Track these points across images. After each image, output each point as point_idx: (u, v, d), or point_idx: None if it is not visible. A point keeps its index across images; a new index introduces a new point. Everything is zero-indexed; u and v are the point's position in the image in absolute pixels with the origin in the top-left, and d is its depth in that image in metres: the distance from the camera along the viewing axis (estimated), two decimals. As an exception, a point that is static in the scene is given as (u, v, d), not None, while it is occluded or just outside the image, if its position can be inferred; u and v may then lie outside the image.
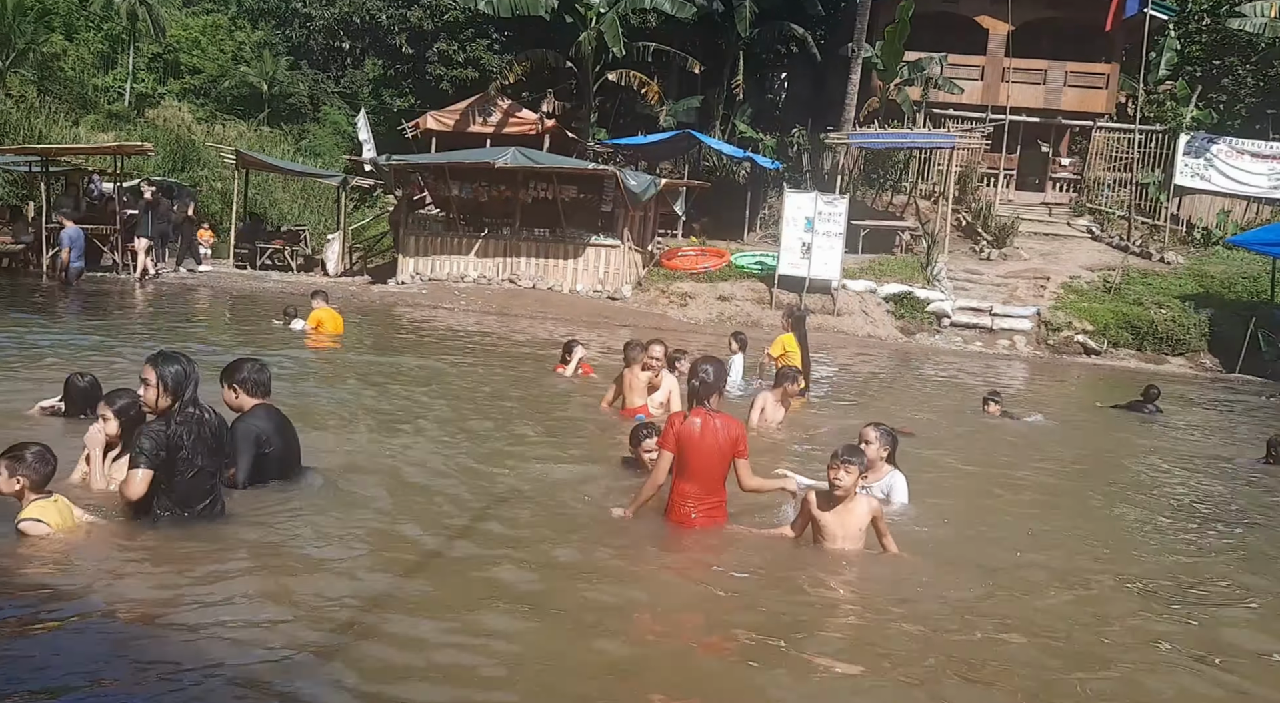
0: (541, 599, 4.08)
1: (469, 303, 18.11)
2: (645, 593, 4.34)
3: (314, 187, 31.02)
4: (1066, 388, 14.99)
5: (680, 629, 4.00)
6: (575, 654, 3.61)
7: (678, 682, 3.46)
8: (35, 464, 4.24)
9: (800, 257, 18.79)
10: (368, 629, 3.65)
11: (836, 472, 4.88)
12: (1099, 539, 5.85)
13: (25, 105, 31.01)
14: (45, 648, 3.34)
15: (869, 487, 5.84)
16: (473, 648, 3.56)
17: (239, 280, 19.75)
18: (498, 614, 3.90)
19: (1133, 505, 6.95)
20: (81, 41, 42.96)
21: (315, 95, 39.13)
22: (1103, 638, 4.16)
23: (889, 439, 5.95)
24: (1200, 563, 5.54)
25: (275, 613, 3.72)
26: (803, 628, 4.03)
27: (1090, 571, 5.19)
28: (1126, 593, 4.89)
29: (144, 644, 3.41)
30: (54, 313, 13.53)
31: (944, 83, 23.81)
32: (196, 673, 3.20)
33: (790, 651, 3.72)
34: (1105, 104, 25.23)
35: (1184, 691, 3.69)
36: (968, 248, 21.93)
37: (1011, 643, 4.00)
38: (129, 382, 7.68)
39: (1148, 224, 23.06)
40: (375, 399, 8.47)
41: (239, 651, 3.38)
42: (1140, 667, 3.87)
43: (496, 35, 29.36)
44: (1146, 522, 6.52)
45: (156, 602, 3.76)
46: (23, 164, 23.57)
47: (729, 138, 25.84)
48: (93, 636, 3.47)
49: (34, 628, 3.47)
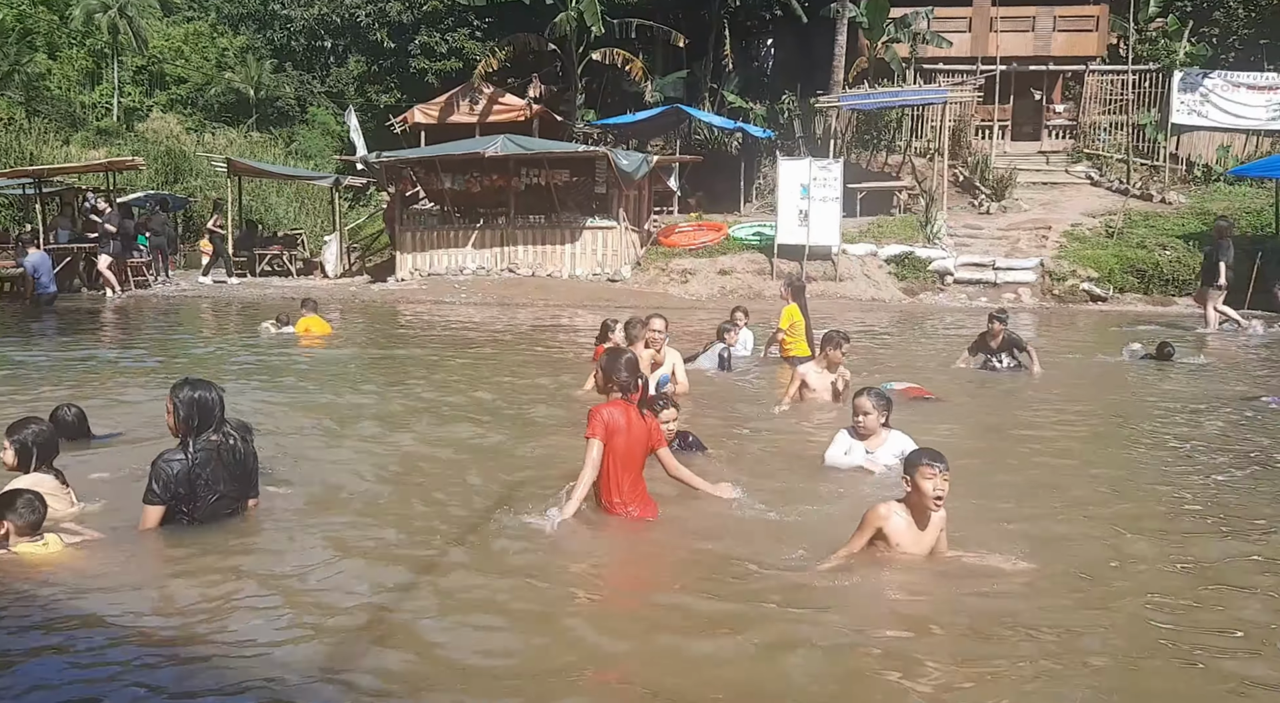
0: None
1: (469, 295, 18.09)
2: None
3: (308, 189, 31.00)
4: (1076, 335, 14.87)
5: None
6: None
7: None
8: (23, 511, 4.26)
9: (798, 224, 18.67)
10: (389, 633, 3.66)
11: (936, 480, 4.06)
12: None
13: (14, 127, 31.07)
14: (46, 667, 3.34)
15: (874, 454, 5.85)
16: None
17: (239, 289, 19.76)
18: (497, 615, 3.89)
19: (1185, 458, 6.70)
20: (65, 59, 42.91)
21: (301, 97, 38.98)
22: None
23: (885, 404, 5.88)
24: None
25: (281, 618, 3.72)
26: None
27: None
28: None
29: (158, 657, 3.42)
30: (45, 335, 13.52)
31: (931, 37, 23.54)
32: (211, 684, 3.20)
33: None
34: (1097, 46, 24.90)
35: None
36: (966, 203, 21.77)
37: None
38: (112, 404, 7.81)
39: (1147, 165, 22.82)
40: (376, 397, 8.47)
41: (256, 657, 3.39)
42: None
43: (477, 23, 29.15)
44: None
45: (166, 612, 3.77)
46: (16, 187, 23.64)
47: (718, 109, 25.64)
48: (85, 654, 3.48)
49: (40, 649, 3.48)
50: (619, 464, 4.80)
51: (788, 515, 5.05)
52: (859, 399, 5.90)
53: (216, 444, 4.55)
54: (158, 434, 6.34)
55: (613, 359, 5.05)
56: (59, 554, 4.27)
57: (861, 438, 5.90)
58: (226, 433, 4.63)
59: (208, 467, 4.51)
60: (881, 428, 5.86)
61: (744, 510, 5.11)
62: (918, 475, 4.10)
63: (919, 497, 4.11)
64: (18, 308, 16.94)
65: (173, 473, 4.45)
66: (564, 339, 13.33)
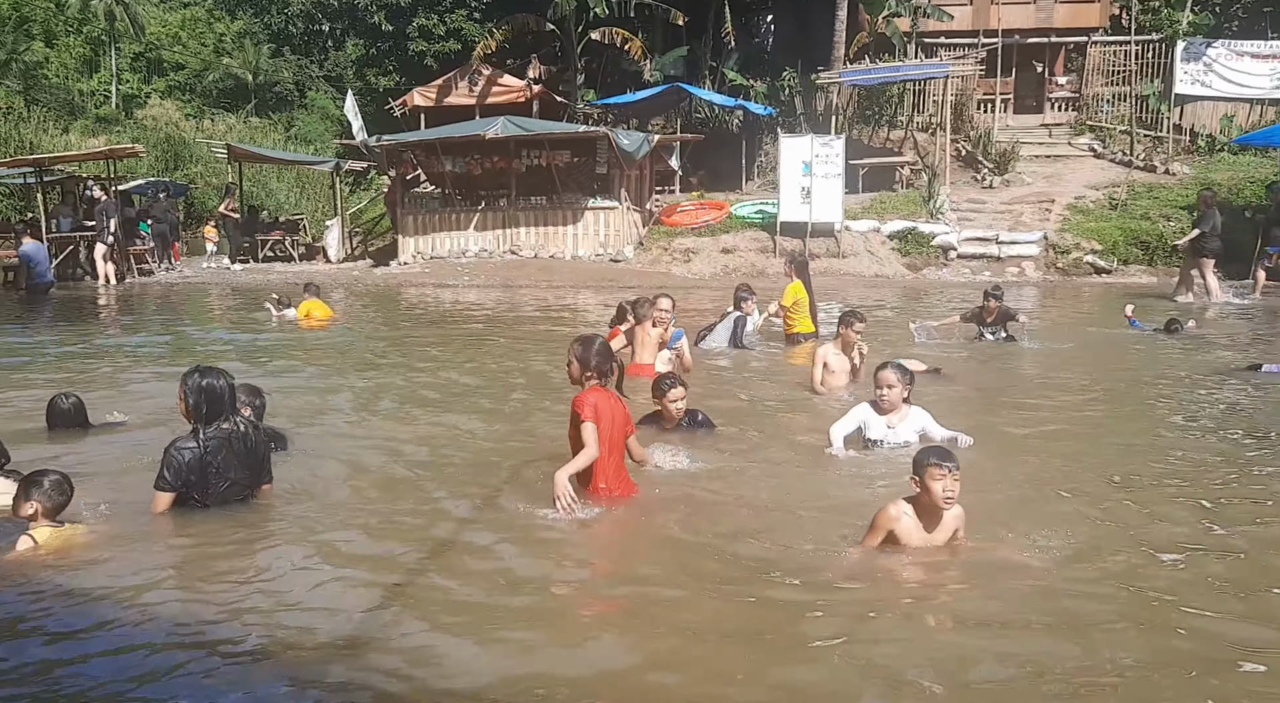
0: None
1: (472, 278, 18.09)
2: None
3: (308, 174, 30.96)
4: (1083, 306, 14.85)
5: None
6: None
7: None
8: (50, 492, 4.27)
9: (800, 201, 18.63)
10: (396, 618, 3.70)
11: (945, 481, 3.96)
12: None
13: (14, 116, 31.02)
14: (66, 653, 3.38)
15: (895, 429, 5.79)
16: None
17: (242, 275, 19.78)
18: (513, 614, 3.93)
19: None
20: (62, 47, 42.76)
21: (300, 81, 38.87)
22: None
23: (908, 378, 5.79)
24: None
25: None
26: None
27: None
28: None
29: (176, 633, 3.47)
30: (45, 323, 13.57)
31: (932, 11, 23.37)
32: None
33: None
34: (1099, 17, 24.73)
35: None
36: (969, 177, 21.69)
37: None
38: (112, 392, 7.82)
39: (1150, 137, 22.70)
40: (379, 378, 8.50)
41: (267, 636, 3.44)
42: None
43: (475, 4, 28.99)
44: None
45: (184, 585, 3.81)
46: (17, 176, 23.64)
47: (719, 87, 25.52)
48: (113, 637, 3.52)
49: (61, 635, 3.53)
50: (605, 449, 4.80)
51: (795, 504, 4.96)
52: (882, 372, 5.81)
53: (228, 433, 4.59)
54: (160, 421, 6.40)
55: (586, 348, 4.96)
56: (74, 538, 4.28)
57: (883, 412, 5.82)
58: (238, 421, 4.68)
59: (219, 454, 4.56)
60: (903, 403, 5.80)
61: (755, 492, 5.11)
62: (927, 476, 3.98)
63: (928, 497, 4.00)
64: (15, 297, 16.96)
65: (184, 461, 4.49)
66: (573, 318, 13.33)
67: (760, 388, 8.26)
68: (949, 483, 3.95)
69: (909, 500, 4.09)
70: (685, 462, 5.66)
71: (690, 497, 5.05)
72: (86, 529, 4.37)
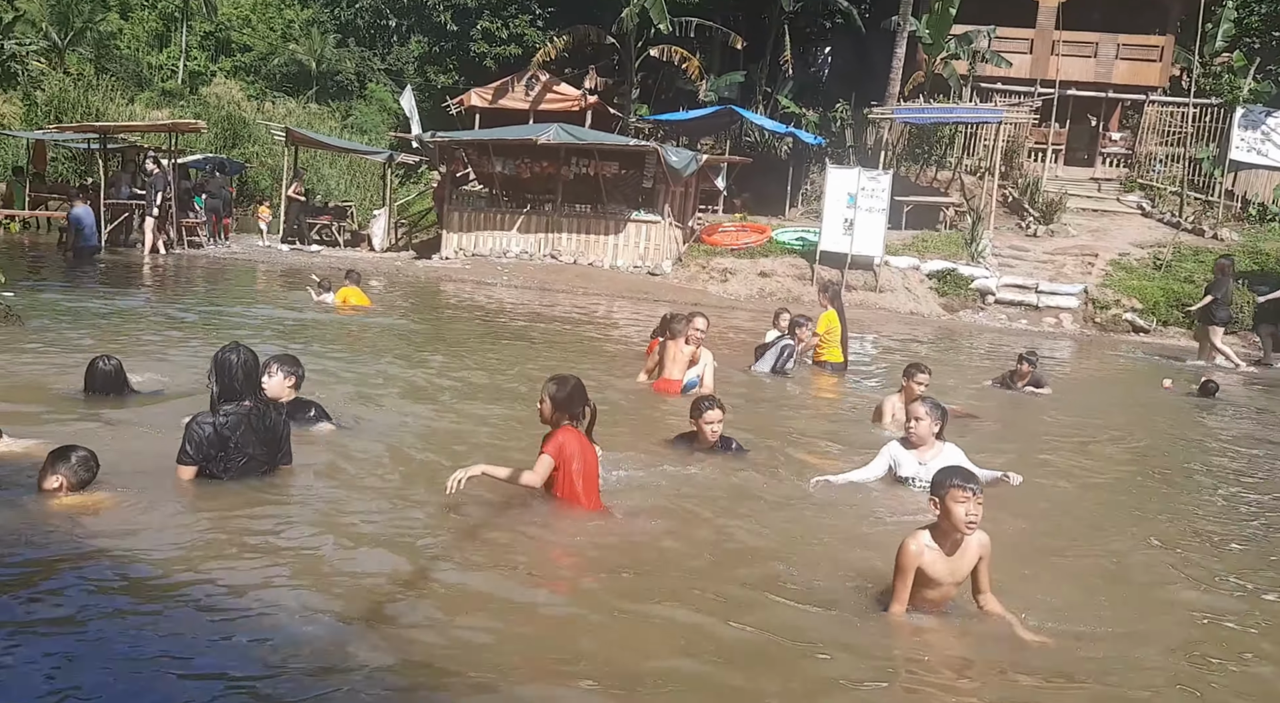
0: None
1: (511, 278, 18.33)
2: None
3: (360, 163, 31.45)
4: (1115, 366, 14.79)
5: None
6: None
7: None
8: (76, 468, 4.37)
9: (843, 233, 18.70)
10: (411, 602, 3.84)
11: (968, 505, 3.71)
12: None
13: (83, 83, 31.82)
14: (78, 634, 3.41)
15: (927, 465, 5.58)
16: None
17: (288, 256, 20.18)
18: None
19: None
20: (136, 20, 43.77)
21: (362, 73, 39.53)
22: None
23: (939, 413, 5.67)
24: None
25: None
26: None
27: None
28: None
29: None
30: (93, 286, 13.92)
31: (991, 56, 23.43)
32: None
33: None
34: (1159, 77, 24.65)
35: None
36: (1014, 224, 21.65)
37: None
38: (153, 360, 8.00)
39: (1201, 200, 22.56)
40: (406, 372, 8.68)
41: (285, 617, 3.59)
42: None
43: (540, 11, 29.43)
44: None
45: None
46: (82, 141, 24.27)
47: (771, 113, 25.70)
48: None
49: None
50: (586, 486, 4.73)
51: (813, 540, 4.91)
52: (912, 405, 5.78)
53: (247, 410, 4.71)
54: (188, 392, 6.45)
55: (561, 387, 4.77)
56: (101, 502, 4.36)
57: (913, 447, 5.71)
58: (260, 399, 4.80)
59: (237, 430, 4.67)
60: (935, 439, 5.67)
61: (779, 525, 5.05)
62: (948, 498, 3.72)
63: (948, 522, 3.75)
64: (64, 259, 17.36)
65: (203, 435, 4.63)
66: (615, 333, 13.50)
67: (800, 418, 8.29)
68: (972, 507, 3.70)
69: (926, 528, 3.85)
70: (709, 485, 5.59)
71: (715, 530, 4.93)
72: (111, 496, 4.43)
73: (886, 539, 4.35)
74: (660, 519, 4.94)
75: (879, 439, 6.48)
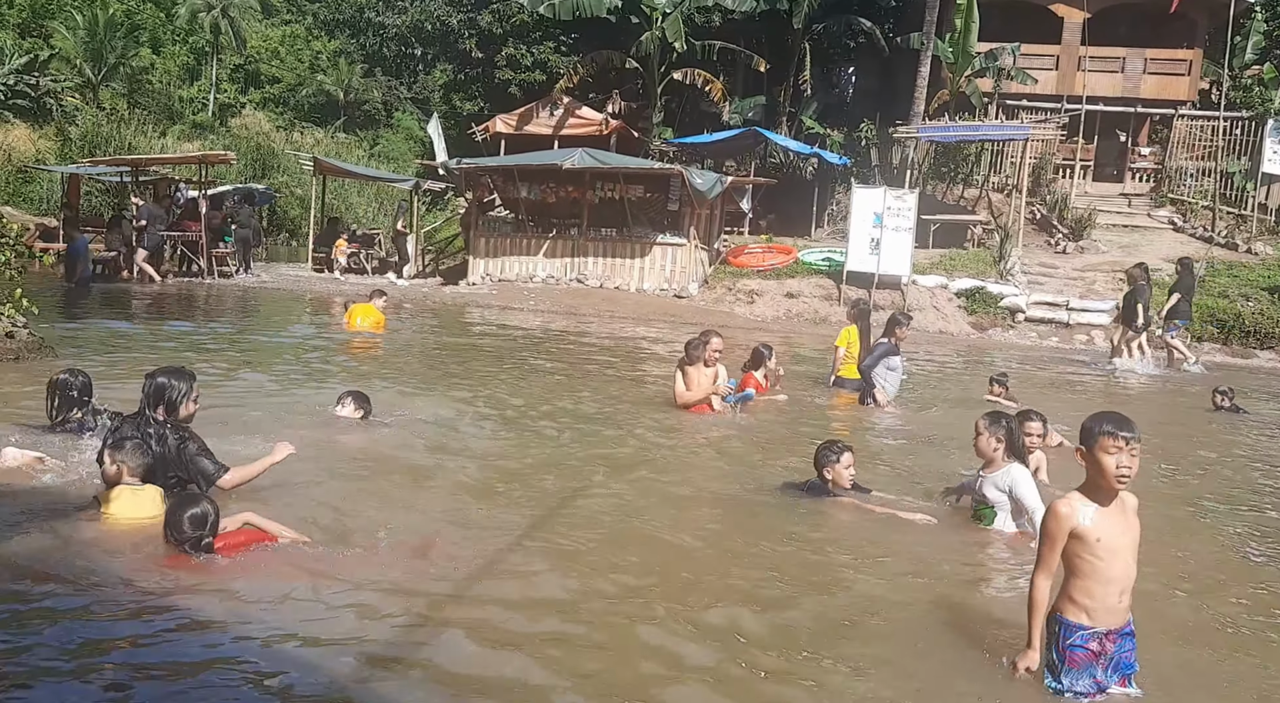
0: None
1: (538, 302, 18.37)
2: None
3: (387, 190, 31.81)
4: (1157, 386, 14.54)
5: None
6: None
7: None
8: (133, 453, 4.59)
9: (869, 252, 18.60)
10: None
11: (1121, 455, 3.36)
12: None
13: (116, 117, 32.45)
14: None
15: (984, 477, 5.51)
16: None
17: (316, 283, 20.36)
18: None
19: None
20: (168, 55, 44.70)
21: (388, 101, 40.08)
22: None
23: (1003, 429, 5.44)
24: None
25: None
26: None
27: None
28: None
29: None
30: (144, 315, 14.13)
31: (1017, 73, 23.33)
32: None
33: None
34: (1187, 91, 24.43)
35: None
36: (1042, 241, 21.45)
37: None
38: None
39: (1233, 214, 22.26)
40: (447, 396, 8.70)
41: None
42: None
43: (563, 38, 29.69)
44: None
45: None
46: (114, 174, 24.71)
47: (795, 134, 25.70)
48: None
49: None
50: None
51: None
52: (976, 420, 5.57)
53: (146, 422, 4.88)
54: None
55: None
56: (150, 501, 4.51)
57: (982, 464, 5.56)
58: (158, 421, 4.84)
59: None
60: (1000, 458, 5.43)
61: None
62: (1098, 448, 3.37)
63: (1098, 474, 3.40)
64: (114, 290, 17.58)
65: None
66: (634, 349, 13.47)
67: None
68: (1124, 459, 3.34)
69: (1078, 490, 3.51)
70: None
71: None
72: (161, 493, 4.58)
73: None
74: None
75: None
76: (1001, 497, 5.38)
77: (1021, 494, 5.30)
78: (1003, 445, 5.39)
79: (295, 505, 4.92)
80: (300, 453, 5.11)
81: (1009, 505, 5.38)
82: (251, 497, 4.87)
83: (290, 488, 5.17)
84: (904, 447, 7.96)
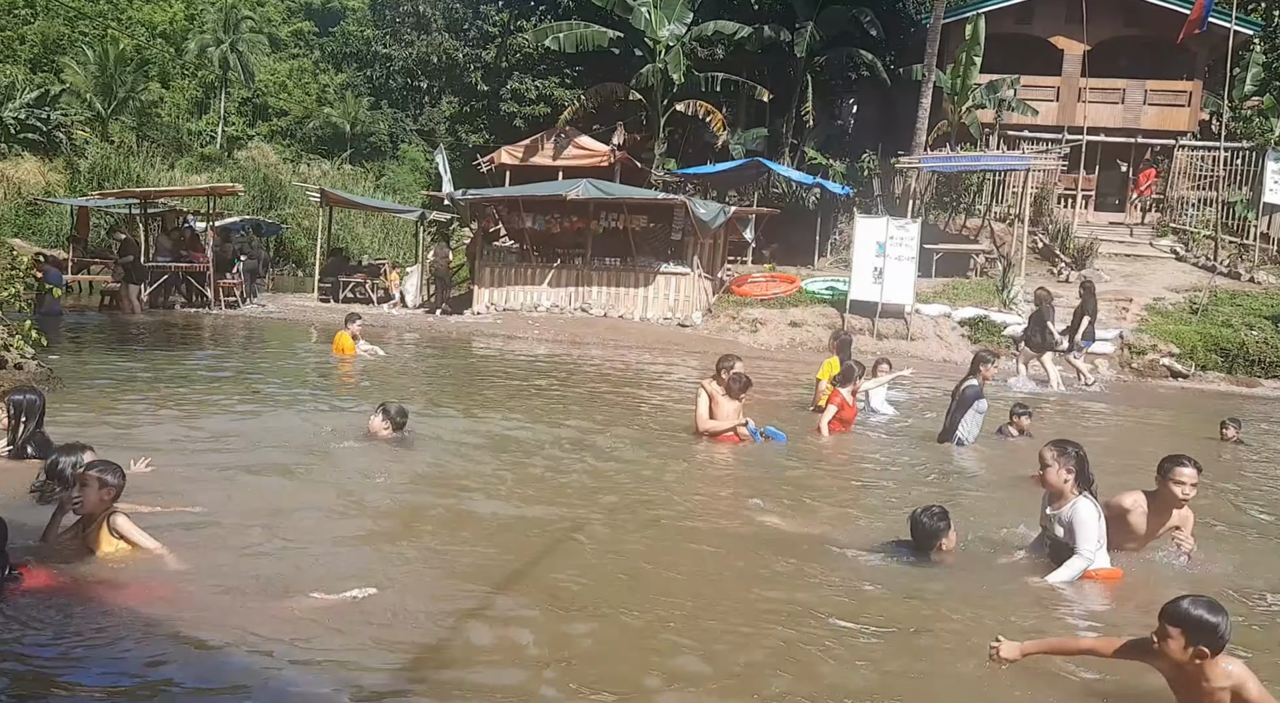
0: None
1: (542, 331, 18.43)
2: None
3: (393, 221, 32.07)
4: (1158, 414, 14.51)
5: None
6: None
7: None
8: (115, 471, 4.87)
9: (872, 281, 18.67)
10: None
11: (1185, 486, 5.20)
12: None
13: (125, 150, 32.82)
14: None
15: (1052, 514, 5.21)
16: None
17: (322, 313, 20.45)
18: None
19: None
20: (177, 88, 45.28)
21: (394, 133, 40.51)
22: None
23: (1072, 459, 5.07)
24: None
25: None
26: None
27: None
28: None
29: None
30: (151, 346, 14.20)
31: (1017, 105, 23.52)
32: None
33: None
34: (1188, 122, 24.61)
35: None
36: (1045, 270, 21.51)
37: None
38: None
39: (1235, 243, 22.33)
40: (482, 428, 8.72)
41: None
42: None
43: (567, 71, 30.01)
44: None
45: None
46: (123, 206, 24.94)
47: (798, 164, 25.89)
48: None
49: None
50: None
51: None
52: (1041, 449, 5.27)
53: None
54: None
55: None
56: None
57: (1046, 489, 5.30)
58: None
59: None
60: (1070, 490, 5.10)
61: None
62: (1172, 477, 5.06)
63: (1167, 492, 5.09)
64: (116, 320, 17.68)
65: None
66: (636, 378, 13.49)
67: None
68: (1187, 489, 5.05)
69: (1146, 494, 5.13)
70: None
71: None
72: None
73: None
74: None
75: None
76: (1060, 532, 5.08)
77: (1078, 528, 4.97)
78: (1073, 477, 5.07)
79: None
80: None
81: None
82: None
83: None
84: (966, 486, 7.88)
